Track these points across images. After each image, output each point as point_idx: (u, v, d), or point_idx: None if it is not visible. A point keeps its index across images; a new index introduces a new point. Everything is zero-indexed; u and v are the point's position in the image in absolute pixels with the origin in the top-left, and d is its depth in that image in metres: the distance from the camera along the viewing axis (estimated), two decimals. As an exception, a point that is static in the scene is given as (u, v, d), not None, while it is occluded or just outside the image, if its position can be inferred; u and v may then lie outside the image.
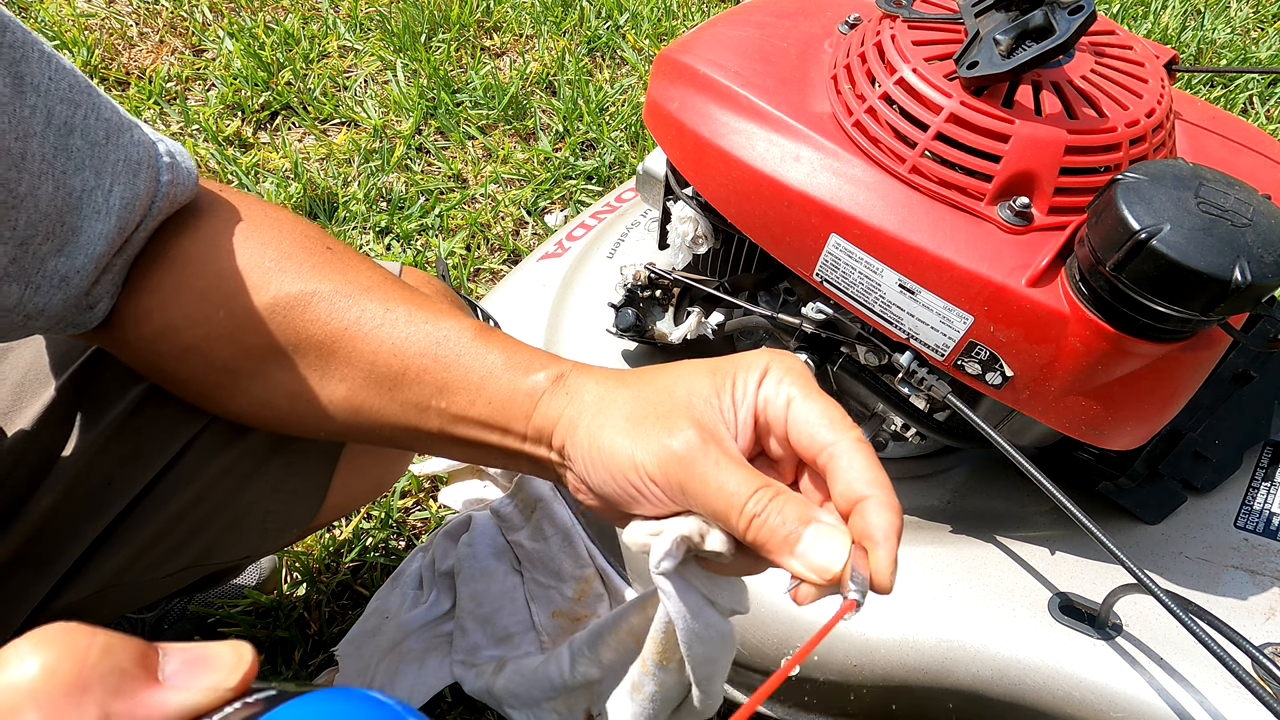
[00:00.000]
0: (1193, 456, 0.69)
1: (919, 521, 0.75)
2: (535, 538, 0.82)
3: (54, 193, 0.35)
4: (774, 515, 0.31)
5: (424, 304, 0.42)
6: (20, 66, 0.34)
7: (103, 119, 0.37)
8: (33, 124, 0.34)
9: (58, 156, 0.35)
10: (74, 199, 0.36)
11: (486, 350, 0.40)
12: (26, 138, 0.34)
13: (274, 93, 1.41)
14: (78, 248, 0.37)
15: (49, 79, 0.35)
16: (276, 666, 0.81)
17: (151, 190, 0.39)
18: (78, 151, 0.36)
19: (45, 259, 0.36)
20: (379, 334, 0.40)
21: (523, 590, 0.81)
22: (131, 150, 0.38)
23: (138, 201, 0.38)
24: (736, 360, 0.36)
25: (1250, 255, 0.46)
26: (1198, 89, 1.52)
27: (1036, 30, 0.52)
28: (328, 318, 0.40)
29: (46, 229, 0.36)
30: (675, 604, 0.36)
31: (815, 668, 0.69)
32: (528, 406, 0.38)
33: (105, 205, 0.37)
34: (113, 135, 0.37)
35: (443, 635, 0.80)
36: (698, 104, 0.63)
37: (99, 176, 0.37)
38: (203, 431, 0.48)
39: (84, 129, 0.36)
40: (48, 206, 0.35)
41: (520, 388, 0.39)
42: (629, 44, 1.55)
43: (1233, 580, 0.66)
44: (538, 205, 1.27)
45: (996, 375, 0.57)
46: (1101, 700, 0.61)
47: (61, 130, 0.35)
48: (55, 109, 0.35)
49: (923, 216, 0.56)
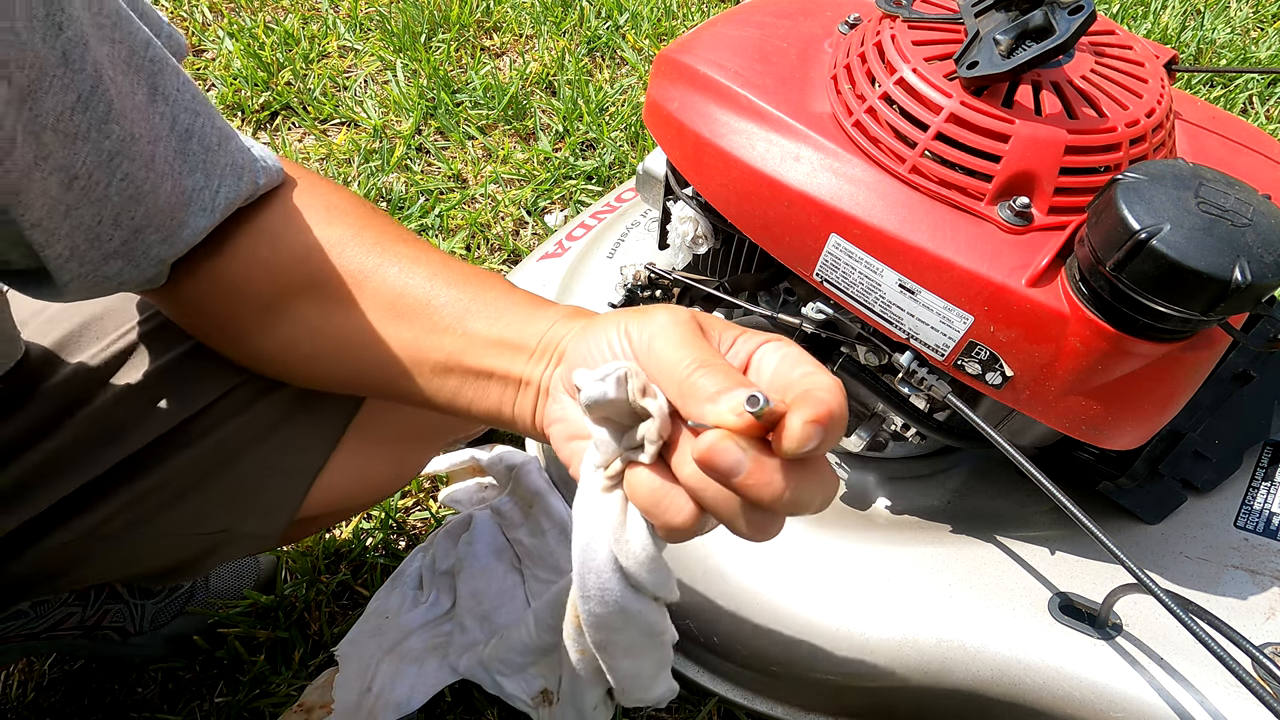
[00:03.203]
0: (1193, 456, 0.69)
1: (919, 521, 0.75)
2: (534, 534, 0.82)
3: (171, 191, 0.40)
4: (716, 370, 0.31)
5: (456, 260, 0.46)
6: (157, 79, 0.38)
7: (216, 127, 0.42)
8: (161, 129, 0.39)
9: (177, 159, 0.40)
10: (186, 197, 0.41)
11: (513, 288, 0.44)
12: (156, 141, 0.38)
13: (274, 93, 1.41)
14: (180, 238, 0.42)
15: (177, 89, 0.39)
16: (276, 666, 0.81)
17: (250, 191, 0.44)
18: (193, 155, 0.41)
19: (151, 246, 0.41)
20: (411, 270, 0.44)
21: (523, 588, 0.81)
22: (237, 156, 0.43)
23: (238, 200, 0.43)
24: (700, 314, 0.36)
25: (1250, 255, 0.46)
26: (1198, 89, 1.52)
27: (1036, 30, 0.52)
28: (364, 256, 0.44)
29: (159, 221, 0.40)
30: (578, 536, 0.34)
31: (815, 668, 0.69)
32: (544, 325, 0.41)
33: (211, 204, 0.42)
34: (223, 142, 0.42)
35: (443, 635, 0.80)
36: (698, 104, 0.63)
37: (209, 178, 0.41)
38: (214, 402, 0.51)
39: (201, 135, 0.41)
40: (164, 203, 0.40)
41: (541, 311, 0.42)
42: (629, 44, 1.55)
43: (1233, 580, 0.66)
44: (538, 205, 1.27)
45: (996, 375, 0.57)
46: (1101, 700, 0.61)
47: (184, 136, 0.40)
48: (180, 116, 0.40)
49: (923, 216, 0.56)
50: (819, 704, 0.74)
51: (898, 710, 0.70)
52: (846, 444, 0.73)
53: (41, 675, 0.82)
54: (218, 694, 0.81)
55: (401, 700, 0.75)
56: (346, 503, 0.60)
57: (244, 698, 0.79)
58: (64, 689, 0.81)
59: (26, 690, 0.81)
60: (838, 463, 0.80)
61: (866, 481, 0.79)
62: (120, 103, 0.36)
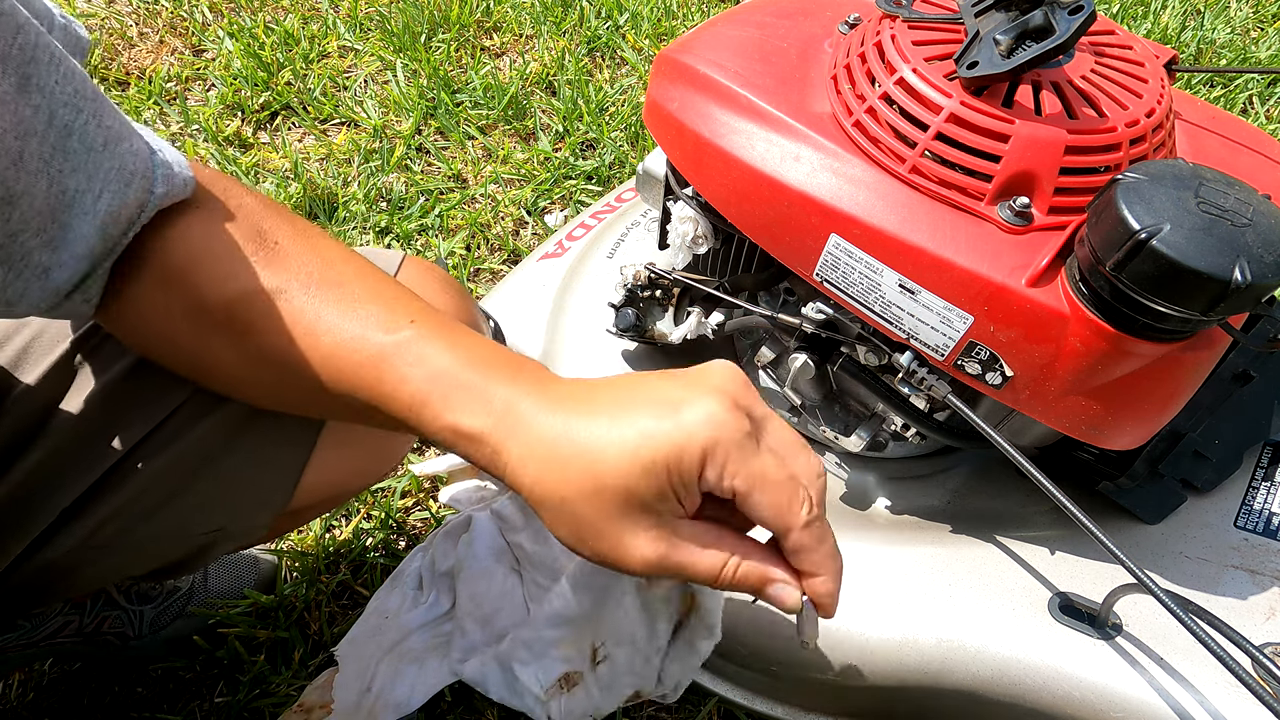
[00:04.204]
0: (1193, 456, 0.69)
1: (919, 521, 0.75)
2: (537, 540, 0.82)
3: (48, 191, 0.36)
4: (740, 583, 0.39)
5: (356, 307, 0.42)
6: (29, 68, 0.35)
7: (104, 126, 0.38)
8: (35, 124, 0.35)
9: (54, 157, 0.36)
10: (67, 198, 0.37)
11: (409, 374, 0.40)
12: (26, 136, 0.35)
13: (274, 93, 1.41)
14: (65, 244, 0.38)
15: (55, 82, 0.36)
16: (276, 666, 0.81)
17: (141, 200, 0.40)
18: (74, 154, 0.37)
19: (32, 251, 0.38)
20: (309, 341, 0.41)
21: (522, 591, 0.81)
22: (127, 160, 0.39)
23: (124, 211, 0.39)
24: (669, 453, 0.36)
25: (1250, 255, 0.46)
26: (1198, 89, 1.52)
27: (1036, 30, 0.52)
28: (266, 316, 0.42)
29: (37, 224, 0.37)
30: None
31: (816, 668, 0.69)
32: (458, 449, 0.40)
33: (92, 208, 0.38)
34: (110, 144, 0.38)
35: (443, 635, 0.80)
36: (698, 104, 0.63)
37: (90, 181, 0.38)
38: (190, 397, 0.50)
39: (82, 134, 0.37)
40: (41, 204, 0.36)
41: (444, 436, 0.40)
42: (629, 44, 1.55)
43: (1233, 580, 0.66)
44: (538, 205, 1.27)
45: (996, 375, 0.57)
46: (1101, 700, 0.61)
47: (62, 133, 0.36)
48: (58, 111, 0.36)
49: (923, 216, 0.56)
50: (819, 704, 0.74)
51: (898, 710, 0.70)
52: (846, 444, 0.73)
53: (41, 676, 0.82)
54: (218, 694, 0.81)
55: (401, 700, 0.74)
56: (336, 490, 0.60)
57: (244, 698, 0.79)
58: (63, 689, 0.81)
59: (26, 690, 0.81)
60: (838, 463, 0.80)
61: (866, 481, 0.79)
62: None
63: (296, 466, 0.54)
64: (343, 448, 0.56)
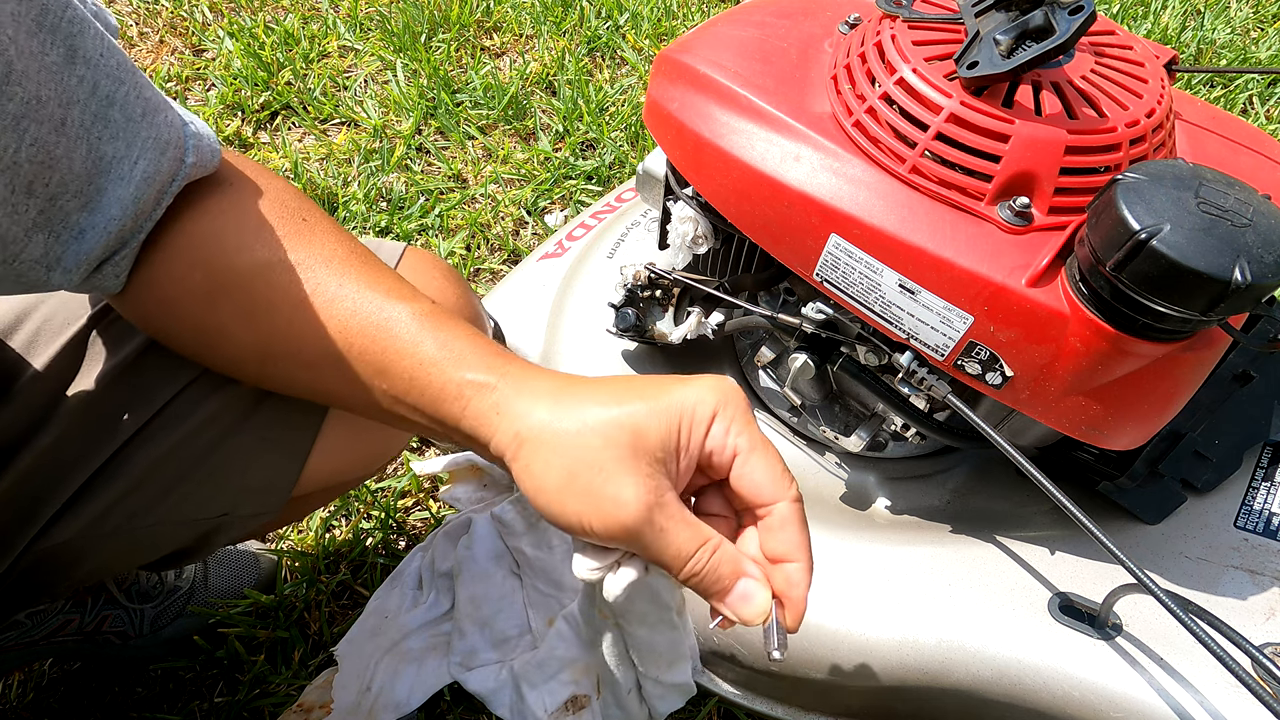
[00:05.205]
0: (1193, 456, 0.69)
1: (919, 521, 0.75)
2: (539, 546, 0.82)
3: (86, 156, 0.39)
4: (710, 572, 0.38)
5: (378, 282, 0.44)
6: (76, 40, 0.37)
7: (143, 98, 0.40)
8: (78, 93, 0.37)
9: (96, 124, 0.38)
10: (104, 164, 0.39)
11: (422, 338, 0.42)
12: (69, 105, 0.37)
13: (274, 93, 1.41)
14: (100, 207, 0.40)
15: (100, 55, 0.38)
16: (276, 666, 0.81)
17: (174, 169, 0.42)
18: (114, 122, 0.39)
19: (70, 214, 0.40)
20: (328, 310, 0.43)
21: (521, 594, 0.81)
22: (163, 130, 0.41)
23: (159, 177, 0.42)
24: (683, 400, 0.39)
25: (1250, 255, 0.46)
26: (1198, 89, 1.52)
27: (1036, 30, 0.52)
28: (287, 286, 0.43)
29: (75, 187, 0.39)
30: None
31: (816, 668, 0.69)
32: (456, 410, 0.41)
33: (129, 174, 0.40)
34: (149, 114, 0.41)
35: (442, 635, 0.80)
36: (698, 104, 0.63)
37: (129, 148, 0.40)
38: (196, 379, 0.50)
39: (124, 104, 0.39)
40: (80, 168, 0.38)
41: (448, 390, 0.41)
42: (629, 44, 1.55)
43: (1233, 580, 0.66)
44: (538, 205, 1.27)
45: (996, 375, 0.57)
46: (1101, 700, 0.61)
47: (105, 102, 0.39)
48: (101, 82, 0.38)
49: (923, 216, 0.56)
50: (819, 704, 0.74)
51: (898, 710, 0.70)
52: (846, 444, 0.73)
53: (41, 675, 0.82)
54: (218, 694, 0.81)
55: (401, 700, 0.74)
56: (339, 478, 0.60)
57: (244, 697, 0.79)
58: (63, 689, 0.81)
59: (26, 690, 0.81)
60: (838, 463, 0.80)
61: (866, 481, 0.79)
62: (22, 64, 0.34)
63: (303, 450, 0.54)
64: (346, 434, 0.57)
